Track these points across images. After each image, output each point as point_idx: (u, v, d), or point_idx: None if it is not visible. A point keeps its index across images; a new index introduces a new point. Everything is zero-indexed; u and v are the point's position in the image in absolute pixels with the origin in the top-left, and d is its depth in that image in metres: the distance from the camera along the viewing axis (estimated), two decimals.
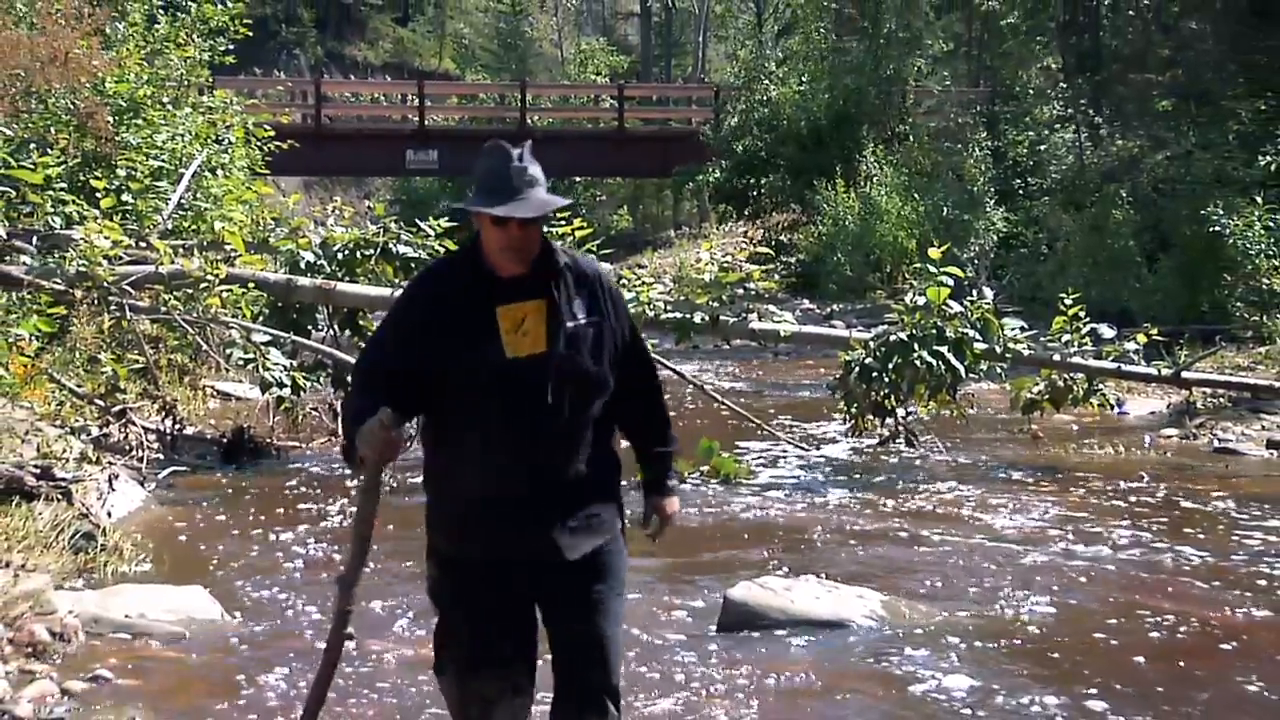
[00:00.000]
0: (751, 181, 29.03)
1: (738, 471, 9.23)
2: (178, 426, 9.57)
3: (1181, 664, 5.32)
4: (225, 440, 9.67)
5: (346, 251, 10.60)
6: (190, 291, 9.93)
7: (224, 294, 9.79)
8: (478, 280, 3.23)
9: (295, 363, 9.93)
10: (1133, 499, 8.64)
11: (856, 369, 9.86)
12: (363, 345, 3.53)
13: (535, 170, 3.19)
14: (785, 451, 10.40)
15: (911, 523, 7.87)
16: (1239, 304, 16.22)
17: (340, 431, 3.31)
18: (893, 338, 9.87)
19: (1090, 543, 7.36)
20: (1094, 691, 4.92)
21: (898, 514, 8.14)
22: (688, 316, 10.46)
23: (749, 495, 8.77)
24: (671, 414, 3.59)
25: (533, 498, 3.19)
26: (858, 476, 9.49)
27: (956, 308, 9.94)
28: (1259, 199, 16.83)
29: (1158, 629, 5.79)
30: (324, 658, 3.27)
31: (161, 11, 15.98)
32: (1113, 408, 11.29)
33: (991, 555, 7.07)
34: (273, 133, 16.28)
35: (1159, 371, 10.87)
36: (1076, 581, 6.55)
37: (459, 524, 3.27)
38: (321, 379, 10.27)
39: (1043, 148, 26.40)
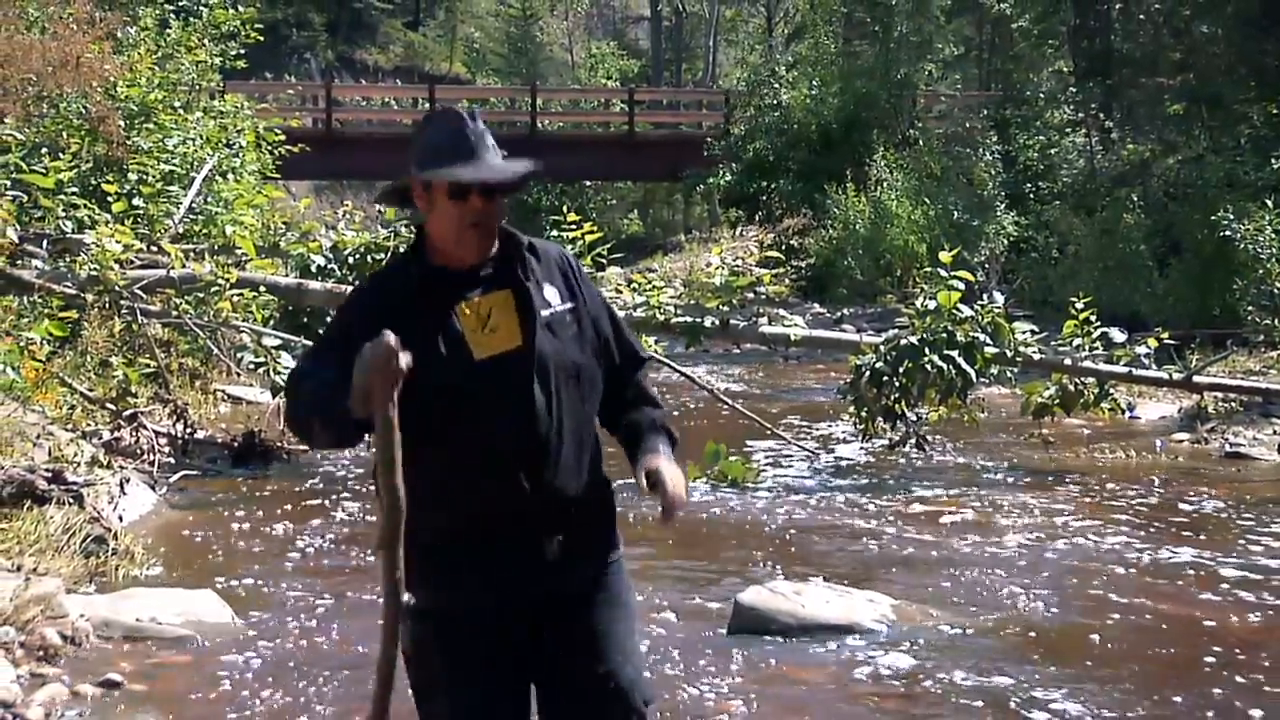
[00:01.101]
0: (762, 185, 29.03)
1: (745, 475, 9.21)
2: (189, 430, 9.57)
3: (1193, 668, 5.30)
4: (236, 444, 9.67)
5: (357, 255, 10.64)
6: (201, 295, 9.98)
7: (235, 298, 9.82)
8: (427, 279, 2.72)
9: None
10: (1144, 503, 8.62)
11: (867, 373, 9.87)
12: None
13: (490, 138, 2.74)
14: (794, 455, 10.39)
15: (921, 527, 7.85)
16: (1250, 308, 16.18)
17: (295, 420, 2.71)
18: (903, 342, 9.87)
19: (1101, 547, 7.35)
20: (1105, 695, 4.90)
21: (907, 518, 8.12)
22: (698, 320, 10.45)
23: (757, 499, 8.76)
24: (677, 415, 3.48)
25: (521, 521, 2.70)
26: (867, 480, 9.48)
27: (967, 312, 9.93)
28: (1270, 203, 16.79)
29: (1169, 633, 5.76)
30: None
31: (173, 16, 16.05)
32: (1124, 412, 11.25)
33: (1002, 559, 7.06)
34: (283, 137, 16.34)
35: (1170, 376, 10.85)
36: (1087, 585, 6.53)
37: (436, 565, 2.66)
38: None
39: (1053, 152, 26.43)
